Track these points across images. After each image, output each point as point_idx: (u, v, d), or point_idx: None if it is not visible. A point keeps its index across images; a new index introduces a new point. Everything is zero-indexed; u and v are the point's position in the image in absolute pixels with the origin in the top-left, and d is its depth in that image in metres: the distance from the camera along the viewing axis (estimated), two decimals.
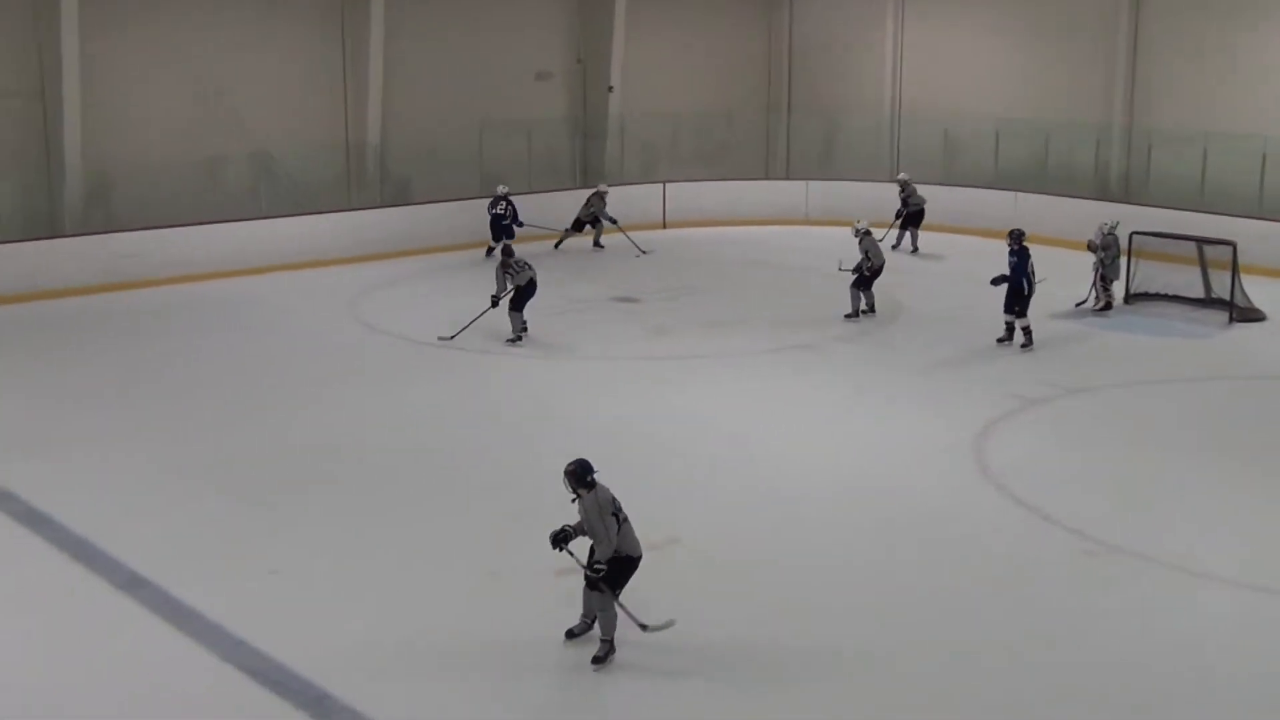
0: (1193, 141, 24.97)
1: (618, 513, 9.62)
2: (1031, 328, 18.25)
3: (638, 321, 20.04)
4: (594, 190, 25.62)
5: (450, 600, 10.85)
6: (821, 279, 21.46)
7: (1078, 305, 20.35)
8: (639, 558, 9.76)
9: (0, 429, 15.07)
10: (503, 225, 23.88)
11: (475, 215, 25.26)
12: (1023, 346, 18.18)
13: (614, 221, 25.00)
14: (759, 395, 16.43)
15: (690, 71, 30.32)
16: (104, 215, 23.10)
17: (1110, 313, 20.19)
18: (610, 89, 29.12)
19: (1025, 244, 18.38)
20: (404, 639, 9.39)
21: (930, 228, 25.50)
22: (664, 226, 27.35)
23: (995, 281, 18.46)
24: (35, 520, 12.35)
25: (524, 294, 18.43)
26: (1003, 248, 18.70)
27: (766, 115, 31.38)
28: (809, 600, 10.86)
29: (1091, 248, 20.27)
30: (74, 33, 22.51)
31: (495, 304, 18.43)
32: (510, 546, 11.75)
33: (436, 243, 24.79)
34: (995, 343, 18.36)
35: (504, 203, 24.16)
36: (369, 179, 26.40)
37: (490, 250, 23.39)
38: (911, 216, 25.38)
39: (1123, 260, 20.56)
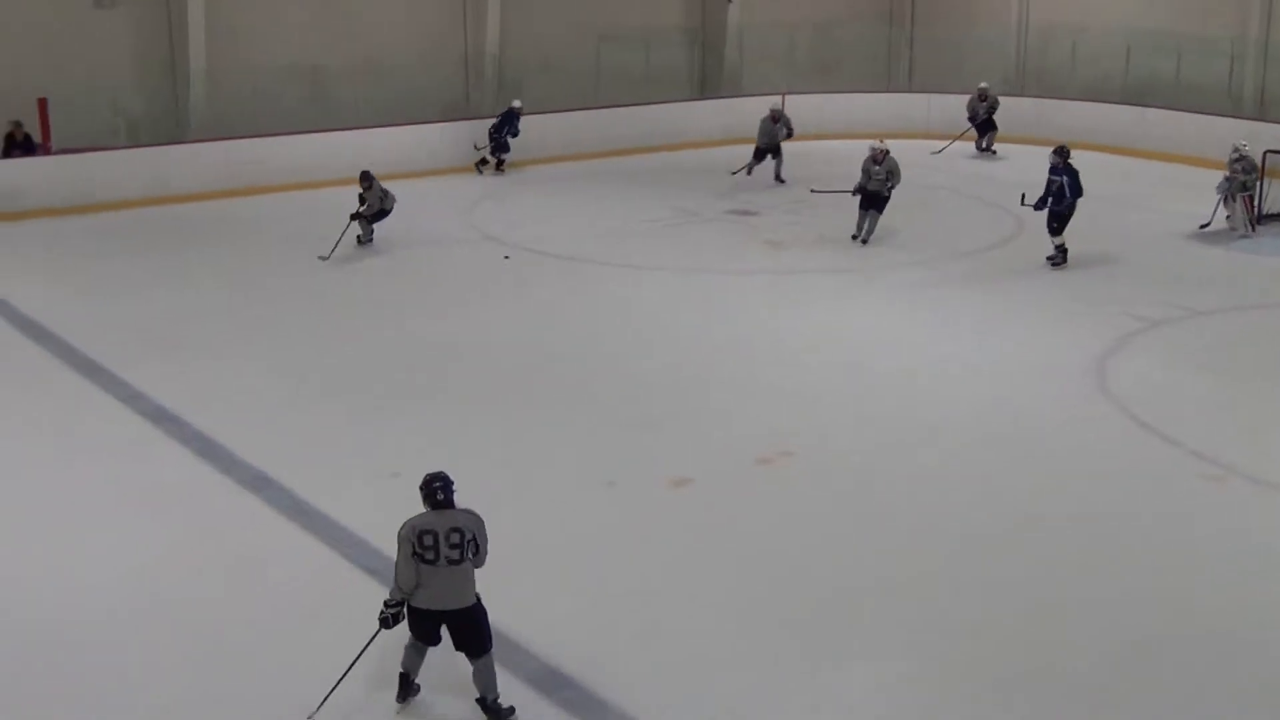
0: None
1: (424, 551, 7.77)
2: (1067, 246, 17.81)
3: (754, 235, 19.93)
4: (769, 113, 23.67)
5: (566, 508, 10.98)
6: (940, 195, 21.18)
7: (1201, 227, 19.78)
8: (435, 612, 7.90)
9: (130, 331, 15.43)
10: (496, 139, 23.90)
11: (592, 126, 25.30)
12: (1055, 264, 17.76)
13: (771, 155, 23.40)
14: (873, 311, 16.30)
15: None
16: (226, 121, 23.39)
17: (1251, 234, 19.57)
18: None
19: (1070, 161, 17.81)
20: (520, 543, 9.49)
21: (1053, 142, 24.92)
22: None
23: (1038, 206, 17.95)
24: (164, 419, 12.67)
25: (376, 217, 19.01)
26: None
27: (889, 25, 30.75)
28: (921, 517, 10.82)
29: (1236, 172, 19.49)
30: None
31: (355, 217, 18.82)
32: (627, 456, 11.85)
33: (552, 153, 24.75)
34: (1046, 261, 17.93)
35: (500, 120, 23.98)
36: (487, 88, 26.41)
37: (483, 163, 23.94)
38: (990, 124, 25.79)
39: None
